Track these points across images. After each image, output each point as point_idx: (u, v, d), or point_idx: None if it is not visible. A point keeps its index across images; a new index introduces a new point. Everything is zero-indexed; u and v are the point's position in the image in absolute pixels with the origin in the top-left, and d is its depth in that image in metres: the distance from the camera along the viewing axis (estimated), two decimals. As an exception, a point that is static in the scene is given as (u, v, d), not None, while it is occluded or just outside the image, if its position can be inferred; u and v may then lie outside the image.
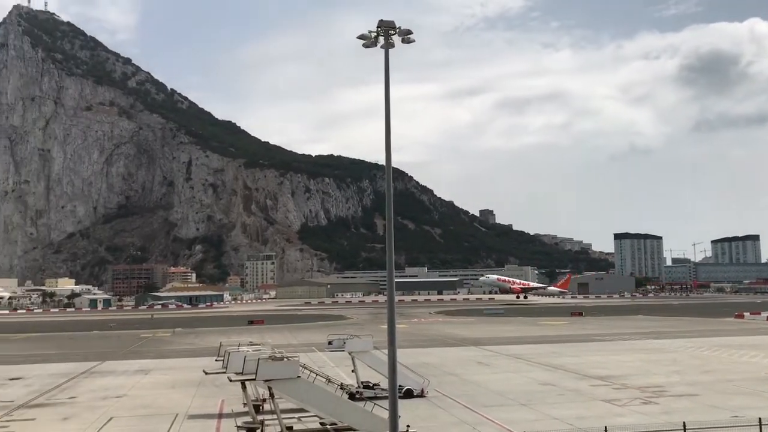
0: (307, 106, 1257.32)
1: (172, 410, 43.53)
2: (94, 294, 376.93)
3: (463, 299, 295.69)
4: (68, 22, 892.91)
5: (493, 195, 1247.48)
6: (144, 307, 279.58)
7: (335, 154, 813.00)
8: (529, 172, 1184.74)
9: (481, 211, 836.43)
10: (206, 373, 42.22)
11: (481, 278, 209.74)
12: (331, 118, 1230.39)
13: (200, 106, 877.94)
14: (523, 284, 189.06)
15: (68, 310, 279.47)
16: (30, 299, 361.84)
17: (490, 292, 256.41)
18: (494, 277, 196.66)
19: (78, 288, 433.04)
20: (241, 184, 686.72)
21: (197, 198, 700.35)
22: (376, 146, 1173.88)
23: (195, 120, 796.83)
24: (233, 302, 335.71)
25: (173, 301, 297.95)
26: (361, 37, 30.40)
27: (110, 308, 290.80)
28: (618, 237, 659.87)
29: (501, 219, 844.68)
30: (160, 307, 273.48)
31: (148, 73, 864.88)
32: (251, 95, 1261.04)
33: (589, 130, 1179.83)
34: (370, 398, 39.37)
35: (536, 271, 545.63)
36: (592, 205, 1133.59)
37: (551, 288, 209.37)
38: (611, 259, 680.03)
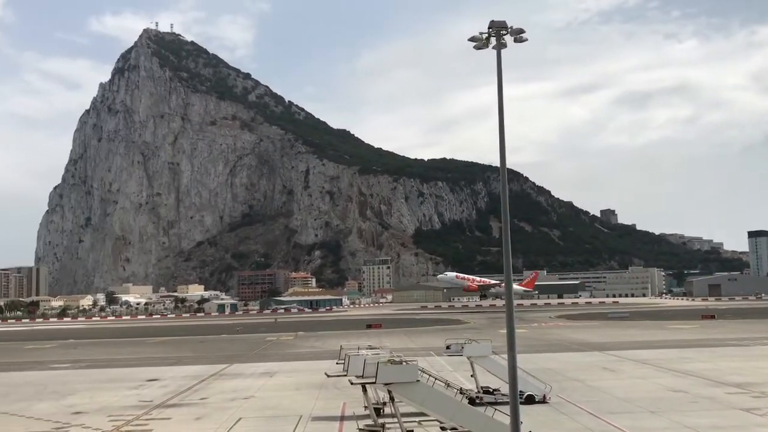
0: (419, 111, 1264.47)
1: (296, 412, 44.78)
2: (222, 299, 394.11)
3: (585, 303, 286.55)
4: (192, 42, 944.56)
5: (614, 194, 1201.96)
6: (268, 311, 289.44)
7: (448, 158, 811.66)
8: (653, 169, 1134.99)
9: (602, 211, 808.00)
10: (328, 376, 43.14)
11: (439, 276, 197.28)
12: (442, 121, 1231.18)
13: (316, 116, 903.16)
14: (481, 281, 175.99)
15: (198, 314, 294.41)
16: (164, 305, 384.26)
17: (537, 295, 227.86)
18: (452, 274, 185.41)
19: (207, 294, 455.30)
20: (356, 190, 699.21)
21: (315, 205, 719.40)
22: (489, 147, 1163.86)
23: (311, 130, 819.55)
24: (352, 306, 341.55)
25: (295, 305, 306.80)
26: (472, 39, 30.11)
27: (237, 313, 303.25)
28: (753, 235, 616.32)
29: (623, 219, 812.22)
30: (282, 311, 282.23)
31: (267, 86, 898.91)
32: (364, 103, 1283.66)
33: (718, 122, 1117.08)
34: (491, 403, 38.81)
35: (663, 273, 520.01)
36: (722, 201, 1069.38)
37: (516, 287, 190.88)
38: (745, 259, 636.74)
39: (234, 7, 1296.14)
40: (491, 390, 45.72)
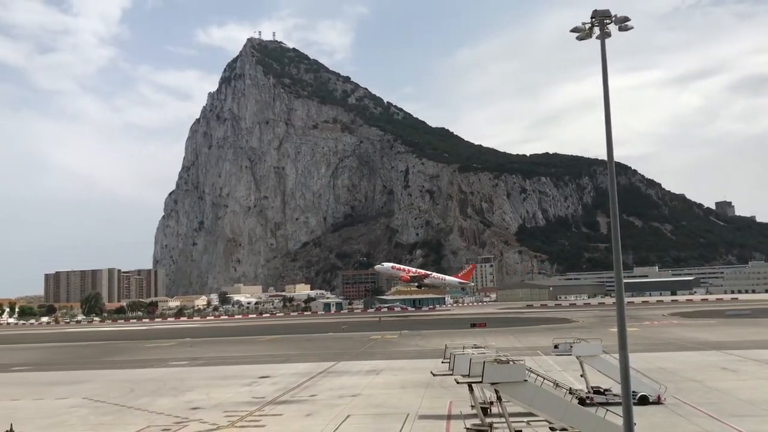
0: (519, 106, 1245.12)
1: (403, 410, 45.10)
2: (327, 298, 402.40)
3: (701, 300, 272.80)
4: (293, 48, 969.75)
5: (730, 185, 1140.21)
6: (372, 310, 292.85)
7: (551, 152, 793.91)
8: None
9: (717, 203, 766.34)
10: (433, 375, 43.19)
11: (377, 266, 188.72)
12: (544, 115, 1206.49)
13: (415, 116, 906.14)
14: (415, 272, 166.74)
15: (305, 313, 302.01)
16: (272, 304, 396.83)
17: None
18: (389, 264, 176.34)
19: (313, 293, 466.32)
20: (456, 188, 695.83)
21: (415, 204, 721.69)
22: (594, 141, 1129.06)
23: (410, 130, 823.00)
24: (455, 305, 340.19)
25: (398, 304, 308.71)
26: (574, 30, 29.38)
27: (342, 311, 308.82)
28: None
29: (741, 211, 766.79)
30: (386, 310, 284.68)
31: (366, 88, 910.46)
32: (462, 100, 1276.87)
33: None
34: (602, 404, 37.71)
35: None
36: None
37: (450, 278, 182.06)
38: None
39: (332, 11, 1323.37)
40: (602, 390, 44.40)
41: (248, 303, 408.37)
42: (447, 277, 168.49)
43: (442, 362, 44.26)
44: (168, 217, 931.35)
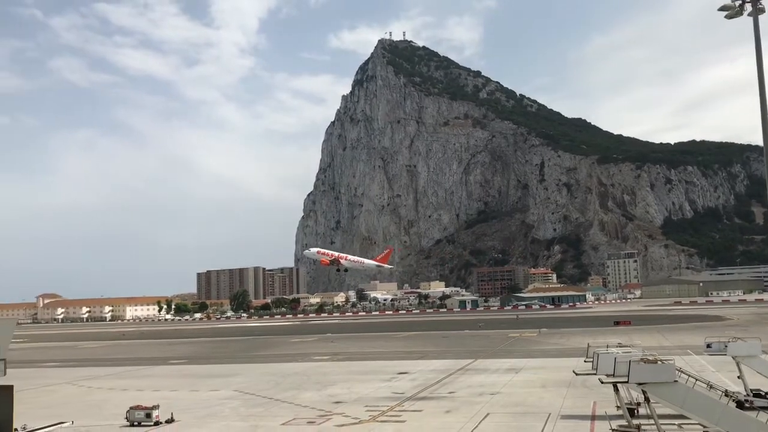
0: (659, 92, 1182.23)
1: (544, 409, 44.12)
2: (463, 295, 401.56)
3: None
4: (423, 47, 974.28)
5: None
6: (508, 307, 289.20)
7: (698, 140, 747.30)
8: None
9: None
10: (576, 374, 41.90)
11: (305, 251, 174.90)
12: (688, 101, 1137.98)
13: (549, 107, 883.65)
14: (335, 256, 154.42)
15: (440, 310, 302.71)
16: (408, 301, 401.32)
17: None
18: (314, 249, 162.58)
19: (448, 290, 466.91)
20: (596, 180, 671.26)
21: (552, 198, 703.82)
22: (747, 125, 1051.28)
23: (544, 122, 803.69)
24: (596, 302, 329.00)
25: (536, 301, 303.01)
26: (723, 8, 27.49)
27: (477, 309, 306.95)
28: None
29: None
30: (523, 307, 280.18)
31: (497, 82, 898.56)
32: (598, 89, 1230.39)
33: None
34: (763, 408, 34.99)
35: None
36: None
37: (368, 261, 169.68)
38: None
39: (461, 7, 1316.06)
40: (763, 393, 41.23)
41: (384, 300, 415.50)
42: (366, 261, 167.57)
43: (585, 361, 42.83)
44: (307, 217, 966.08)
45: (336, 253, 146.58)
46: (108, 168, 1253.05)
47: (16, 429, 27.22)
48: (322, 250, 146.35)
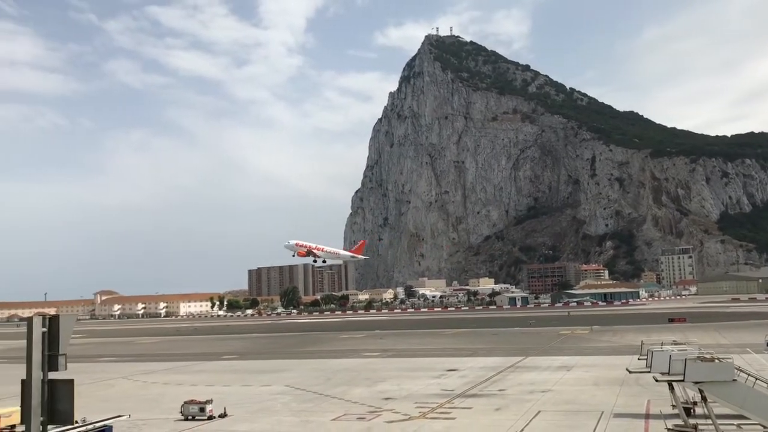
0: (715, 84, 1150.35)
1: (596, 407, 43.46)
2: (512, 292, 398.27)
3: None
4: (471, 42, 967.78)
5: None
6: (559, 304, 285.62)
7: (756, 131, 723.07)
8: None
9: None
10: (629, 372, 41.15)
11: (284, 244, 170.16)
12: (746, 92, 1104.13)
13: (600, 100, 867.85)
14: (311, 247, 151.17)
15: (490, 307, 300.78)
16: (457, 298, 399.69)
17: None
18: (293, 242, 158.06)
19: (497, 287, 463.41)
20: (649, 175, 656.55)
21: (604, 194, 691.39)
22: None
23: (595, 115, 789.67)
24: (650, 299, 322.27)
25: (587, 298, 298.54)
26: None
27: (528, 306, 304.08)
28: None
29: None
30: (575, 304, 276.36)
31: (546, 76, 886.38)
32: (650, 81, 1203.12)
33: None
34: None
35: None
36: None
37: (343, 252, 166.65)
38: None
39: (509, 1, 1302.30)
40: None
41: (433, 296, 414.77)
42: (341, 251, 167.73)
43: (639, 359, 42.08)
44: (355, 214, 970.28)
45: (312, 245, 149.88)
46: (161, 167, 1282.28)
47: (76, 421, 28.05)
48: (300, 242, 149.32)
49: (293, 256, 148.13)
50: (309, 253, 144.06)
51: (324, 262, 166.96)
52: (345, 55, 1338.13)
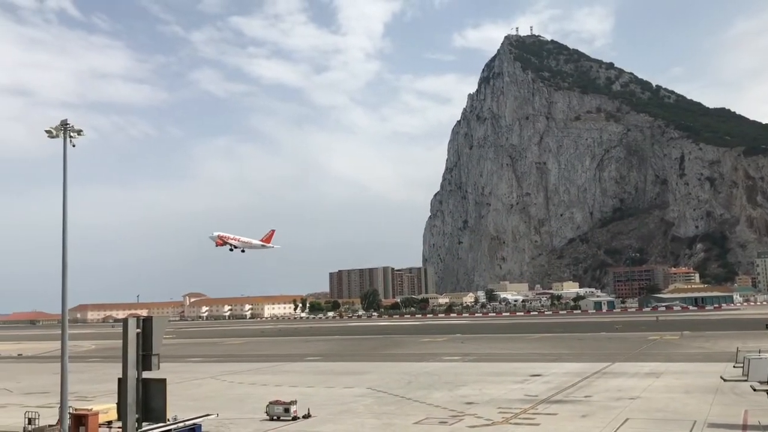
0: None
1: (688, 416, 41.73)
2: (598, 296, 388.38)
3: None
4: (551, 41, 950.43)
5: None
6: (647, 308, 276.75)
7: None
8: None
9: None
10: (724, 380, 39.37)
11: (209, 236, 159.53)
12: None
13: (688, 97, 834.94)
14: (228, 238, 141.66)
15: (574, 312, 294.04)
16: (540, 302, 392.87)
17: None
18: (217, 233, 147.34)
19: (581, 291, 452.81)
20: (742, 174, 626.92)
21: (693, 194, 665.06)
22: None
23: (683, 113, 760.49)
24: (745, 304, 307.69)
25: (677, 302, 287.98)
26: None
27: (614, 310, 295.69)
28: None
29: None
30: (663, 308, 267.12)
31: (631, 73, 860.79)
32: (743, 76, 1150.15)
33: None
34: None
35: None
36: None
37: (255, 242, 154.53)
38: None
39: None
40: None
41: (515, 300, 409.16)
42: (254, 241, 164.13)
43: (734, 366, 40.20)
44: (434, 217, 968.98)
45: (230, 236, 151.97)
46: (245, 173, 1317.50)
47: (168, 419, 29.11)
48: (222, 234, 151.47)
49: (216, 246, 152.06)
50: (225, 242, 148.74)
51: (243, 251, 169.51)
52: (422, 58, 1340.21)
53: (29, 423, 42.69)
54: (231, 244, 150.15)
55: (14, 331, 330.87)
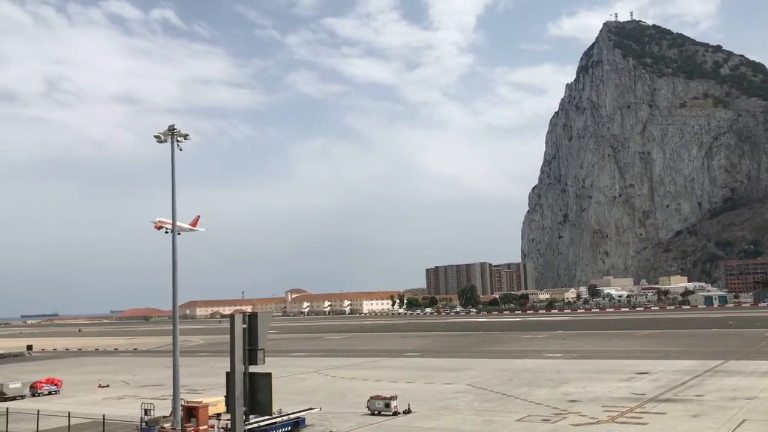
0: None
1: (813, 419, 39.17)
2: (708, 291, 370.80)
3: None
4: (653, 25, 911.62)
5: None
6: (764, 303, 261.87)
7: None
8: None
9: None
10: None
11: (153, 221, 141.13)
12: None
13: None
14: (163, 222, 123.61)
15: (683, 307, 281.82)
16: (646, 297, 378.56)
17: None
18: (157, 219, 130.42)
19: (690, 285, 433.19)
20: None
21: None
22: None
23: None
24: None
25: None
26: None
27: (726, 306, 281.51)
28: None
29: None
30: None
31: (741, 56, 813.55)
32: None
33: None
34: None
35: None
36: None
37: (185, 225, 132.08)
38: None
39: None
40: None
41: (619, 296, 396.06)
42: (184, 225, 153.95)
43: None
44: (533, 212, 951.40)
45: (165, 219, 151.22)
46: (341, 171, 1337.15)
47: (273, 412, 30.01)
48: (160, 219, 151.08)
49: (155, 229, 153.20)
50: (161, 226, 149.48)
51: (179, 234, 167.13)
52: (517, 50, 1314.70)
53: (145, 414, 45.23)
54: (166, 227, 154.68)
55: (129, 326, 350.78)
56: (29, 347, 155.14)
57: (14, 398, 66.08)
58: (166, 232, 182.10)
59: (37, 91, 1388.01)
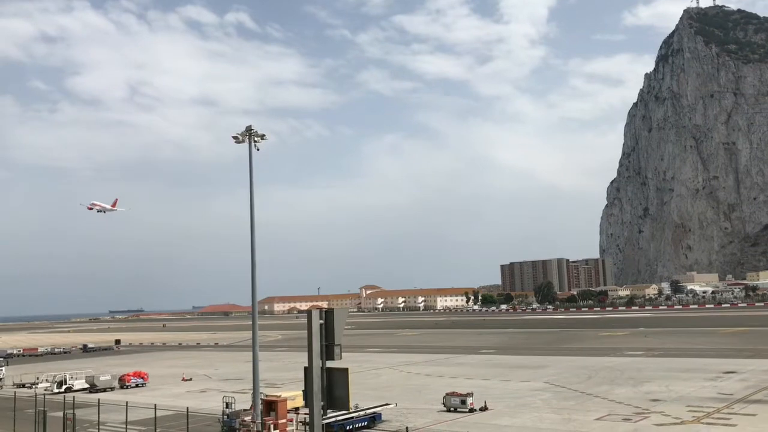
0: None
1: None
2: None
3: None
4: (738, 10, 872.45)
5: None
6: None
7: None
8: None
9: None
10: None
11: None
12: None
13: None
14: (95, 204, 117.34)
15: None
16: (732, 293, 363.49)
17: None
18: (90, 202, 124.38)
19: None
20: None
21: None
22: None
23: None
24: None
25: None
26: None
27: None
28: None
29: None
30: None
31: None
32: None
33: None
34: None
35: None
36: None
37: (108, 206, 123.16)
38: None
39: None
40: None
41: (704, 292, 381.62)
42: (107, 206, 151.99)
43: None
44: (611, 206, 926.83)
45: (96, 202, 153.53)
46: (413, 167, 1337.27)
47: (350, 407, 30.37)
48: (94, 201, 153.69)
49: (87, 209, 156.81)
50: (93, 207, 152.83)
51: (104, 212, 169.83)
52: (591, 40, 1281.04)
53: (227, 406, 46.62)
54: (96, 208, 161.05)
55: (210, 321, 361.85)
56: (117, 341, 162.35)
57: (104, 390, 69.29)
58: (98, 212, 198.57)
59: (120, 96, 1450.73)
